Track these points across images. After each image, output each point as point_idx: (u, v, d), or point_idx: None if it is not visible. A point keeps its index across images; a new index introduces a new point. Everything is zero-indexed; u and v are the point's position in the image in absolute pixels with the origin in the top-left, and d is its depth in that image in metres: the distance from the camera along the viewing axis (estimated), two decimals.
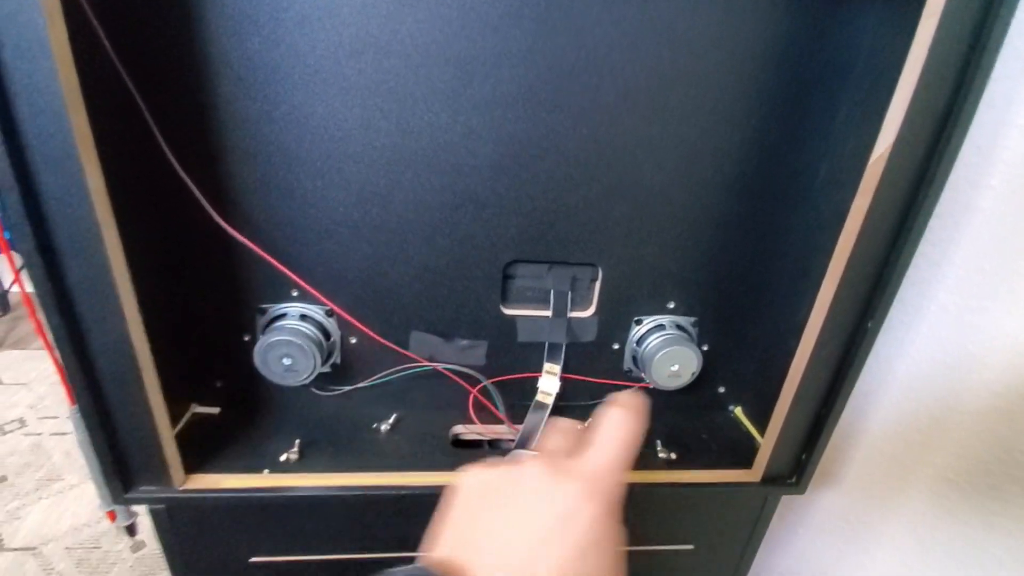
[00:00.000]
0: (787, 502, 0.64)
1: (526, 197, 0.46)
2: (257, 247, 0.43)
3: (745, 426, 0.57)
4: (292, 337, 0.45)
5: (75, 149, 0.31)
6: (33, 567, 1.01)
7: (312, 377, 0.47)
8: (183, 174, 0.39)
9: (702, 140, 0.45)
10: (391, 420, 0.53)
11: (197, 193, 0.40)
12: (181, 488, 0.43)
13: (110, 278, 0.34)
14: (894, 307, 0.44)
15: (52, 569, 1.01)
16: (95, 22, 0.33)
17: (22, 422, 1.37)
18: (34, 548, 1.05)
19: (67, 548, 1.05)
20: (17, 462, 1.25)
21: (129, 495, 0.42)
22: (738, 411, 0.59)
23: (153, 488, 0.43)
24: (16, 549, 1.05)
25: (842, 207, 0.41)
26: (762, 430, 0.51)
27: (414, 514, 0.43)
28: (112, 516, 0.47)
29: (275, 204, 0.44)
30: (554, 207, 0.47)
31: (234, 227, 0.42)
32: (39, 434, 1.33)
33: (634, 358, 0.54)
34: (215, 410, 0.51)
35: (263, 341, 0.45)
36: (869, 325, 0.43)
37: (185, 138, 0.40)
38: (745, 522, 0.56)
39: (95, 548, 1.06)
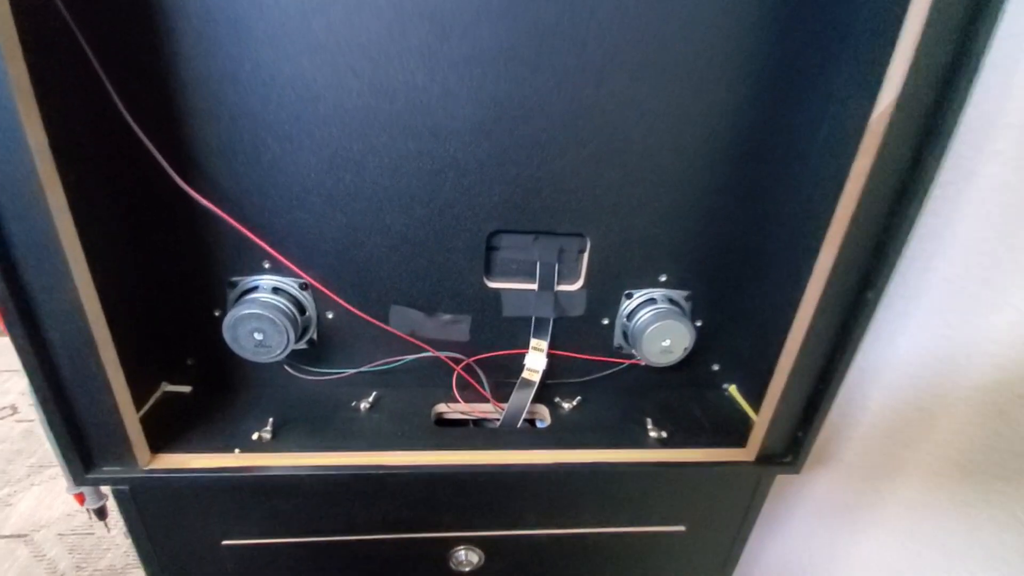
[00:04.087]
0: (781, 484, 0.62)
1: (509, 163, 0.44)
2: (223, 212, 0.41)
3: (740, 404, 0.55)
4: (263, 311, 0.43)
5: (12, 102, 0.29)
6: (25, 554, 1.00)
7: (285, 353, 0.45)
8: (138, 130, 0.37)
9: (695, 101, 0.43)
10: (371, 399, 0.51)
11: (155, 153, 0.38)
12: (146, 468, 0.42)
13: (56, 241, 0.32)
14: (895, 280, 0.42)
15: (44, 556, 1.00)
16: None
17: (14, 408, 1.36)
18: (26, 535, 1.04)
19: (59, 534, 1.05)
20: (8, 449, 1.24)
21: (90, 475, 0.40)
22: (732, 389, 0.57)
23: (116, 468, 0.41)
24: (7, 536, 1.04)
25: (842, 171, 0.39)
26: (757, 409, 0.49)
27: (397, 495, 0.42)
28: (80, 499, 0.45)
29: (241, 169, 0.42)
30: (539, 173, 0.45)
31: (198, 193, 0.40)
32: (31, 420, 1.32)
33: (624, 333, 0.52)
34: (186, 389, 0.49)
35: (232, 314, 0.43)
36: (869, 295, 0.41)
37: (143, 97, 0.38)
38: (739, 503, 0.54)
39: (88, 535, 1.05)
